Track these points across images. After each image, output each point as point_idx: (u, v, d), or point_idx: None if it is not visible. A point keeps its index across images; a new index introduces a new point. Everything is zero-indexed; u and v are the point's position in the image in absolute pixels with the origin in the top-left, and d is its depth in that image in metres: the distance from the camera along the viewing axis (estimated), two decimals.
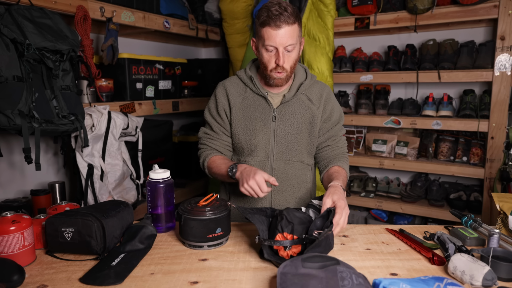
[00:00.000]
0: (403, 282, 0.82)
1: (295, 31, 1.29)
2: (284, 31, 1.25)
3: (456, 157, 2.48)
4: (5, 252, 0.99)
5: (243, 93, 1.44)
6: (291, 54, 1.31)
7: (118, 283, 0.93)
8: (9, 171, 1.83)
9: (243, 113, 1.41)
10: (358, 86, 2.88)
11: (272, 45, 1.28)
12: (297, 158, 1.43)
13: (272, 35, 1.26)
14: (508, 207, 1.21)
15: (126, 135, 1.98)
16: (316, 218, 1.09)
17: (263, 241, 1.02)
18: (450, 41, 2.42)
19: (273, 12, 1.25)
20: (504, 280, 0.93)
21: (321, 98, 1.45)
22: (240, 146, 1.44)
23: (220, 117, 1.46)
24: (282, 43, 1.27)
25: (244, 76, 1.45)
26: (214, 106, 1.47)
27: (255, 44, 1.38)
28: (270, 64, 1.32)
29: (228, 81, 1.48)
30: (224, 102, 1.44)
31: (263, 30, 1.28)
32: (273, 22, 1.25)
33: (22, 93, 1.41)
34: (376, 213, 2.79)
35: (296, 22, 1.29)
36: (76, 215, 1.07)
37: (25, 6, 1.50)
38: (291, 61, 1.32)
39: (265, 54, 1.32)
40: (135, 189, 2.03)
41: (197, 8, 2.78)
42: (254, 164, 1.42)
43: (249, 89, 1.43)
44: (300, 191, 1.47)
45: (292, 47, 1.29)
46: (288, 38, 1.27)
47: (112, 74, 2.06)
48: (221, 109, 1.44)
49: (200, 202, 1.16)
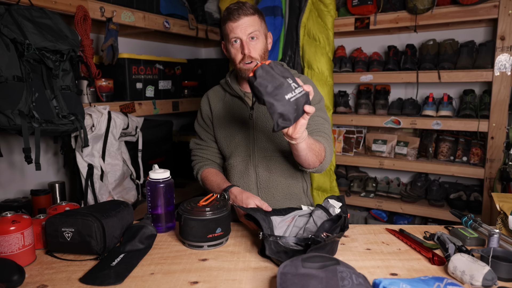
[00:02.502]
0: (403, 282, 0.82)
1: (256, 21, 1.34)
2: (243, 21, 1.31)
3: (456, 157, 2.48)
4: (5, 252, 0.99)
5: (223, 98, 1.50)
6: (257, 43, 1.35)
7: (118, 283, 0.93)
8: (9, 171, 1.83)
9: (224, 116, 1.48)
10: (358, 86, 2.88)
11: (235, 37, 1.33)
12: (279, 153, 1.44)
13: (233, 27, 1.32)
14: (508, 207, 1.21)
15: (126, 135, 1.98)
16: (325, 220, 1.10)
17: (268, 237, 1.01)
18: (450, 41, 2.42)
19: (231, 8, 1.33)
20: (504, 280, 0.93)
21: None
22: (223, 149, 1.50)
23: (206, 124, 1.54)
24: (243, 32, 1.32)
25: (223, 82, 1.52)
26: (200, 116, 1.56)
27: (224, 46, 1.43)
28: (237, 57, 1.36)
29: (211, 91, 1.56)
30: (207, 109, 1.52)
31: (225, 27, 1.35)
32: (232, 16, 1.32)
33: (22, 93, 1.41)
34: (376, 213, 2.79)
35: (256, 14, 1.34)
36: (76, 215, 1.07)
37: (25, 6, 1.50)
38: (258, 50, 1.35)
39: (232, 49, 1.36)
40: (135, 189, 2.03)
41: (197, 8, 2.78)
42: (237, 164, 1.45)
43: (228, 93, 1.50)
44: (289, 187, 1.46)
45: (255, 35, 1.33)
46: (248, 26, 1.32)
47: (112, 74, 2.06)
48: (206, 116, 1.53)
49: (200, 202, 1.16)
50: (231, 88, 1.46)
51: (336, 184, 2.54)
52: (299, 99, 0.98)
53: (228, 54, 1.40)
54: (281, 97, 0.96)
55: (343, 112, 2.70)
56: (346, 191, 2.77)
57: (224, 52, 1.44)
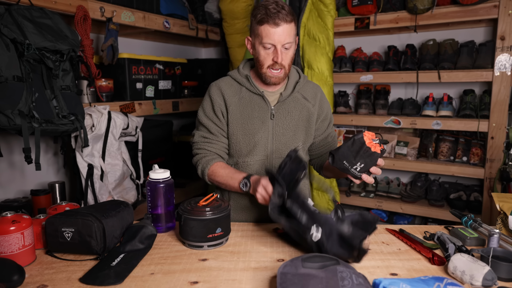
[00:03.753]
0: (403, 282, 0.82)
1: (292, 29, 1.31)
2: (282, 29, 1.27)
3: (456, 157, 2.48)
4: (5, 252, 0.99)
5: (239, 92, 1.42)
6: (289, 52, 1.34)
7: (118, 283, 0.93)
8: (9, 171, 1.83)
9: (240, 112, 1.40)
10: (358, 86, 2.88)
11: (270, 43, 1.30)
12: None
13: (271, 32, 1.28)
14: (508, 207, 1.21)
15: (126, 135, 1.98)
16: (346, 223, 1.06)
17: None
18: (450, 41, 2.42)
19: (271, 10, 1.26)
20: (504, 280, 0.93)
21: (316, 97, 1.48)
22: (239, 146, 1.42)
23: (218, 118, 1.42)
24: (280, 40, 1.29)
25: (238, 76, 1.44)
26: (210, 107, 1.43)
27: (250, 42, 1.39)
28: (266, 61, 1.33)
29: (221, 81, 1.46)
30: (220, 103, 1.41)
31: (261, 28, 1.29)
32: (271, 20, 1.26)
33: (22, 93, 1.41)
34: (376, 213, 2.79)
35: (293, 21, 1.31)
36: (76, 215, 1.07)
37: (25, 6, 1.50)
38: (288, 59, 1.35)
39: (262, 51, 1.33)
40: (135, 189, 2.03)
41: (197, 8, 2.78)
42: (254, 163, 1.42)
43: (245, 88, 1.43)
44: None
45: (289, 45, 1.32)
46: (286, 36, 1.29)
47: (112, 74, 2.06)
48: (218, 109, 1.41)
49: (200, 202, 1.16)
50: (252, 84, 1.40)
51: (336, 184, 2.54)
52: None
53: (254, 53, 1.37)
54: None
55: (343, 112, 2.70)
56: (346, 191, 2.77)
57: (248, 47, 1.40)
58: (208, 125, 1.44)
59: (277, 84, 1.40)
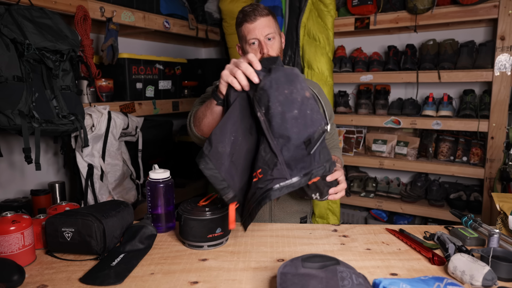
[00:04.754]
0: (403, 282, 0.82)
1: (271, 21, 1.36)
2: (260, 22, 1.34)
3: (456, 157, 2.48)
4: (5, 252, 0.99)
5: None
6: (274, 43, 1.37)
7: (118, 283, 0.93)
8: (9, 171, 1.83)
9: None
10: (358, 86, 2.88)
11: (253, 38, 1.35)
12: None
13: (251, 28, 1.34)
14: (508, 207, 1.21)
15: (126, 135, 1.98)
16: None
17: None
18: (450, 41, 2.42)
19: (247, 10, 1.35)
20: (504, 280, 0.93)
21: None
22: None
23: None
24: (261, 33, 1.34)
25: None
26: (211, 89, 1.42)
27: (240, 48, 1.44)
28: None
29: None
30: None
31: (242, 28, 1.37)
32: (248, 17, 1.34)
33: (22, 93, 1.41)
34: (376, 213, 2.79)
35: (270, 14, 1.37)
36: (76, 215, 1.07)
37: (25, 6, 1.50)
38: (275, 50, 1.37)
39: (249, 50, 1.38)
40: (135, 189, 2.03)
41: (197, 8, 2.78)
42: None
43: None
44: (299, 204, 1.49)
45: (272, 36, 1.36)
46: (265, 27, 1.34)
47: (112, 74, 2.06)
48: None
49: (200, 202, 1.16)
50: None
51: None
52: None
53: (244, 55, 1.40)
54: None
55: (343, 112, 2.70)
56: (346, 191, 2.77)
57: (240, 54, 1.44)
58: (205, 96, 1.44)
59: None
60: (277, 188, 0.93)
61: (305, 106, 0.94)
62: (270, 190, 0.93)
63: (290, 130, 0.93)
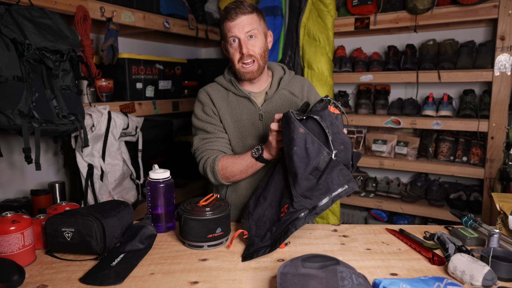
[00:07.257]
0: (403, 282, 0.82)
1: (254, 19, 1.32)
2: (240, 19, 1.30)
3: (456, 157, 2.48)
4: (5, 252, 0.99)
5: (226, 97, 1.43)
6: (256, 41, 1.33)
7: (118, 283, 0.93)
8: (9, 171, 1.83)
9: (230, 117, 1.41)
10: (358, 86, 2.88)
11: (233, 36, 1.32)
12: None
13: (231, 26, 1.31)
14: (508, 207, 1.21)
15: (126, 135, 1.98)
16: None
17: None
18: (450, 41, 2.42)
19: (229, 7, 1.32)
20: (504, 280, 0.93)
21: (303, 90, 1.47)
22: (234, 151, 1.43)
23: (210, 117, 1.41)
24: (241, 31, 1.31)
25: (223, 81, 1.45)
26: (201, 110, 1.43)
27: (224, 47, 1.41)
28: (235, 56, 1.34)
29: (209, 87, 1.47)
30: (210, 104, 1.42)
31: (223, 26, 1.34)
32: (229, 15, 1.31)
33: (22, 93, 1.41)
34: (376, 213, 2.79)
35: (254, 12, 1.32)
36: (76, 215, 1.07)
37: (25, 6, 1.50)
38: (257, 48, 1.34)
39: (230, 49, 1.35)
40: (135, 189, 2.03)
41: (197, 8, 2.78)
42: None
43: (231, 93, 1.43)
44: None
45: (253, 33, 1.32)
46: (246, 25, 1.31)
47: (112, 74, 2.06)
48: (209, 110, 1.41)
49: (200, 202, 1.16)
50: (237, 88, 1.41)
51: None
52: None
53: (227, 54, 1.38)
54: None
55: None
56: None
57: (225, 52, 1.42)
58: (203, 126, 1.42)
59: (253, 79, 1.38)
60: (301, 217, 1.05)
61: (302, 141, 1.05)
62: (296, 220, 1.05)
63: (296, 166, 1.06)
